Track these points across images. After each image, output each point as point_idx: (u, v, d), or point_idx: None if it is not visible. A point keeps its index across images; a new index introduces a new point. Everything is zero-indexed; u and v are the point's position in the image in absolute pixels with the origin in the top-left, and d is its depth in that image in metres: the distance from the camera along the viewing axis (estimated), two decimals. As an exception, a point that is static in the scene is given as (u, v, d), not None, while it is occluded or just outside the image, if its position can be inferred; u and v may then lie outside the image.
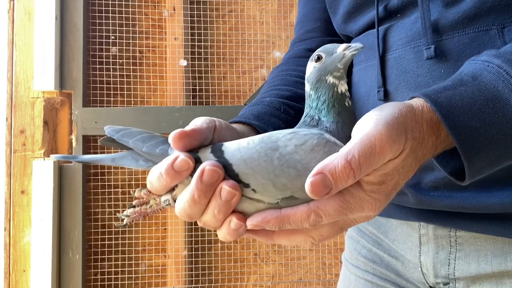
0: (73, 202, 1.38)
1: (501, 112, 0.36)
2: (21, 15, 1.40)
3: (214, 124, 0.43)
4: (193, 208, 0.38)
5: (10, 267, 1.36)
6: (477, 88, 0.37)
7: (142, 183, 1.47)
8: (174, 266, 1.45)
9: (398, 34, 0.55)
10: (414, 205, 0.56)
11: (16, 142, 1.39)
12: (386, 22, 0.57)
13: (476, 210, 0.50)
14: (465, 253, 0.54)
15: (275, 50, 1.54)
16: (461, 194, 0.50)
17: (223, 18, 1.53)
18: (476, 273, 0.53)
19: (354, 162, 0.33)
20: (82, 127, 1.40)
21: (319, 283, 1.50)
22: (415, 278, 0.60)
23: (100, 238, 1.43)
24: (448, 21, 0.50)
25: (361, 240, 0.69)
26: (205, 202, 0.38)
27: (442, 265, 0.56)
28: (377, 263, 0.65)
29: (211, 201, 0.38)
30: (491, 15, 0.47)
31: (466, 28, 0.49)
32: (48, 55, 1.37)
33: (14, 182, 1.37)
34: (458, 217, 0.53)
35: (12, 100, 1.39)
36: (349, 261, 0.71)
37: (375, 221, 0.67)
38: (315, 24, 0.74)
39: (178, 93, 1.48)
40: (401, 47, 0.54)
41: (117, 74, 1.47)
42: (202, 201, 0.38)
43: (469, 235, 0.54)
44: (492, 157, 0.37)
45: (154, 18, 1.51)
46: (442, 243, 0.56)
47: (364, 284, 0.66)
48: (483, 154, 0.37)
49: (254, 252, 1.50)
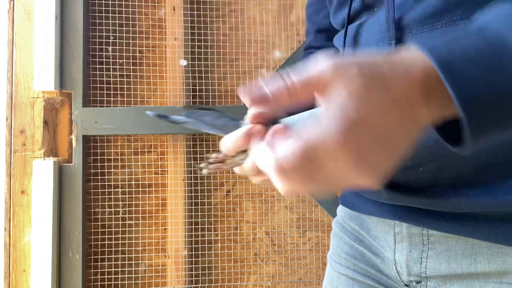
0: (73, 202, 1.38)
1: (509, 60, 0.31)
2: (21, 15, 1.40)
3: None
4: (255, 178, 0.44)
5: (10, 267, 1.36)
6: (482, 38, 0.32)
7: (142, 183, 1.47)
8: (174, 266, 1.45)
9: (372, 29, 0.55)
10: (387, 201, 0.56)
11: (16, 142, 1.39)
12: (363, 16, 0.58)
13: (445, 208, 0.50)
14: (437, 252, 0.54)
15: (275, 50, 1.54)
16: (430, 189, 0.50)
17: (223, 18, 1.53)
18: (447, 273, 0.53)
19: (288, 78, 0.33)
20: (82, 127, 1.40)
21: (319, 283, 1.50)
22: (392, 275, 0.60)
23: (100, 238, 1.43)
24: (417, 16, 0.50)
25: (344, 236, 0.70)
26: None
27: (415, 263, 0.56)
28: (358, 259, 0.65)
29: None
30: (459, 9, 0.47)
31: (435, 23, 0.48)
32: (48, 55, 1.37)
33: (14, 182, 1.38)
34: (429, 216, 0.53)
35: (12, 100, 1.39)
36: (332, 259, 0.72)
37: (358, 217, 0.67)
38: (315, 35, 0.79)
39: (178, 93, 1.48)
40: (374, 43, 0.54)
41: (117, 74, 1.47)
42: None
43: (440, 234, 0.54)
44: (497, 113, 0.31)
45: (154, 18, 1.51)
46: (415, 242, 0.56)
47: (346, 280, 0.67)
48: (486, 107, 0.31)
49: (254, 252, 1.50)
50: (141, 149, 1.47)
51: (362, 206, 0.66)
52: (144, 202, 1.47)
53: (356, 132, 0.30)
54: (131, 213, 1.46)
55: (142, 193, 1.47)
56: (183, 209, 1.45)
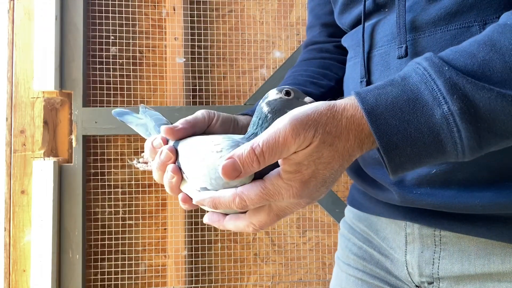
0: (73, 202, 1.38)
1: (420, 112, 0.38)
2: (21, 15, 1.40)
3: (212, 117, 0.53)
4: (156, 175, 0.50)
5: (10, 267, 1.36)
6: (402, 88, 0.39)
7: (142, 183, 1.47)
8: (174, 266, 1.45)
9: (384, 30, 0.55)
10: (399, 203, 0.56)
11: (16, 142, 1.39)
12: (375, 16, 0.58)
13: (458, 210, 0.50)
14: (449, 252, 0.54)
15: (275, 50, 1.54)
16: (443, 193, 0.50)
17: (223, 18, 1.53)
18: (460, 273, 0.53)
19: (258, 150, 0.39)
20: (82, 127, 1.40)
21: (319, 283, 1.50)
22: (402, 276, 0.60)
23: (100, 238, 1.43)
24: (430, 17, 0.50)
25: (352, 237, 0.70)
26: (161, 174, 0.50)
27: (427, 264, 0.56)
28: (367, 260, 0.65)
29: (164, 175, 0.49)
30: (473, 11, 0.47)
31: (448, 24, 0.48)
32: (48, 55, 1.37)
33: (14, 182, 1.38)
34: (442, 217, 0.53)
35: (12, 100, 1.39)
36: (340, 259, 0.72)
37: (367, 218, 0.67)
38: (320, 30, 0.79)
39: (178, 93, 1.48)
40: (386, 43, 0.54)
41: (117, 74, 1.47)
42: (159, 172, 0.49)
43: (453, 235, 0.54)
44: (410, 154, 0.39)
45: (154, 18, 1.51)
46: (427, 242, 0.56)
47: (355, 281, 0.66)
48: (401, 150, 0.39)
49: (254, 252, 1.50)
50: (141, 149, 1.47)
51: (371, 207, 0.65)
52: (144, 202, 1.47)
53: (307, 185, 0.41)
54: (131, 213, 1.46)
55: (142, 193, 1.47)
56: (183, 209, 1.45)
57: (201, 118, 0.52)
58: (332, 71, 0.73)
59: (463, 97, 0.37)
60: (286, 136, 0.38)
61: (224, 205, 0.43)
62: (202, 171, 0.44)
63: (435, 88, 0.38)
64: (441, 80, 0.38)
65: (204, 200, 0.44)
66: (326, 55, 0.77)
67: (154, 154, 0.50)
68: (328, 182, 0.42)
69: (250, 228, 0.45)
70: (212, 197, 0.44)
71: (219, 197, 0.43)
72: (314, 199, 0.43)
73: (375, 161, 0.57)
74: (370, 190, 0.62)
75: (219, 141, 0.45)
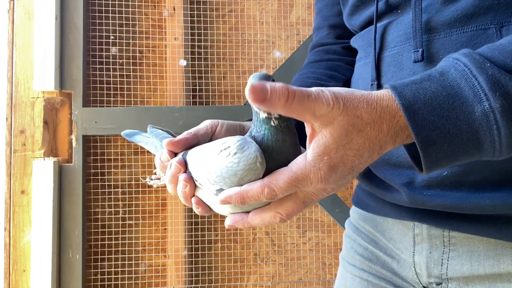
0: (73, 202, 1.38)
1: (460, 109, 0.38)
2: (21, 15, 1.40)
3: (216, 127, 0.52)
4: (169, 188, 0.50)
5: (10, 267, 1.36)
6: (441, 84, 0.39)
7: (142, 183, 1.47)
8: (174, 266, 1.45)
9: (397, 31, 0.55)
10: (408, 204, 0.56)
11: (16, 142, 1.39)
12: (386, 18, 0.57)
13: (468, 211, 0.50)
14: (458, 253, 0.54)
15: (275, 50, 1.54)
16: (454, 194, 0.50)
17: (223, 18, 1.53)
18: (469, 274, 0.53)
19: (291, 89, 0.37)
20: (82, 127, 1.40)
21: (319, 283, 1.50)
22: (409, 277, 0.60)
23: (100, 238, 1.43)
24: (446, 19, 0.49)
25: (358, 238, 0.69)
26: (174, 186, 0.49)
27: (435, 265, 0.56)
28: (373, 261, 0.65)
29: (177, 187, 0.49)
30: (489, 14, 0.47)
31: (464, 26, 0.48)
32: (48, 55, 1.37)
33: (14, 182, 1.38)
34: (451, 218, 0.53)
35: (12, 100, 1.39)
36: (345, 260, 0.71)
37: (373, 219, 0.67)
38: (328, 31, 0.78)
39: (178, 93, 1.48)
40: (399, 44, 0.54)
41: (117, 74, 1.47)
42: (171, 185, 0.49)
43: (462, 235, 0.54)
44: (447, 150, 0.39)
45: (154, 18, 1.51)
46: (435, 243, 0.56)
47: (360, 282, 0.66)
48: (438, 147, 0.38)
49: (254, 252, 1.50)
50: (141, 149, 1.47)
51: (377, 207, 0.65)
52: (144, 202, 1.47)
53: (335, 170, 0.40)
54: (131, 213, 1.46)
55: (142, 193, 1.47)
56: (183, 209, 1.45)
57: (204, 126, 0.51)
58: (340, 72, 0.72)
59: (506, 94, 0.37)
60: (318, 96, 0.37)
61: (252, 198, 0.42)
62: (215, 173, 0.44)
63: (476, 84, 0.37)
64: (483, 77, 0.37)
65: (231, 197, 0.43)
66: (333, 56, 0.76)
67: (164, 169, 0.50)
68: (355, 171, 0.41)
69: (277, 218, 0.44)
70: (239, 192, 0.42)
71: (247, 190, 0.42)
72: (340, 186, 0.42)
73: (385, 162, 0.56)
74: (377, 191, 0.62)
75: (225, 140, 0.45)
